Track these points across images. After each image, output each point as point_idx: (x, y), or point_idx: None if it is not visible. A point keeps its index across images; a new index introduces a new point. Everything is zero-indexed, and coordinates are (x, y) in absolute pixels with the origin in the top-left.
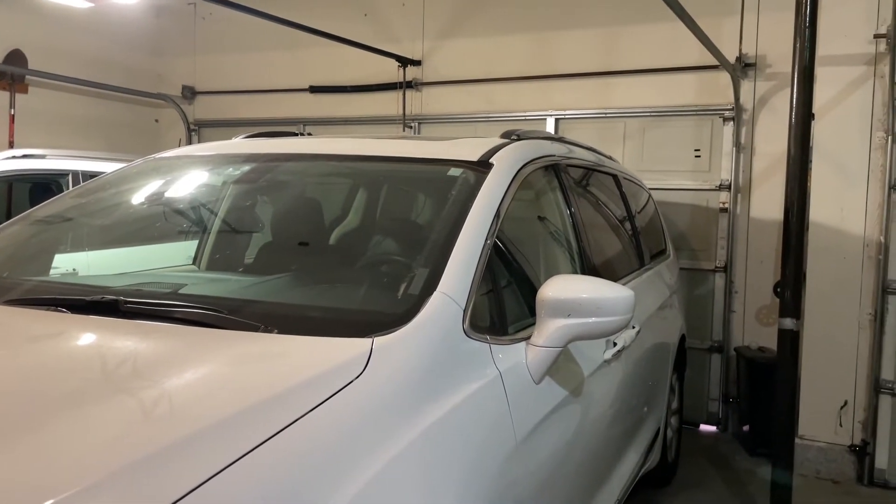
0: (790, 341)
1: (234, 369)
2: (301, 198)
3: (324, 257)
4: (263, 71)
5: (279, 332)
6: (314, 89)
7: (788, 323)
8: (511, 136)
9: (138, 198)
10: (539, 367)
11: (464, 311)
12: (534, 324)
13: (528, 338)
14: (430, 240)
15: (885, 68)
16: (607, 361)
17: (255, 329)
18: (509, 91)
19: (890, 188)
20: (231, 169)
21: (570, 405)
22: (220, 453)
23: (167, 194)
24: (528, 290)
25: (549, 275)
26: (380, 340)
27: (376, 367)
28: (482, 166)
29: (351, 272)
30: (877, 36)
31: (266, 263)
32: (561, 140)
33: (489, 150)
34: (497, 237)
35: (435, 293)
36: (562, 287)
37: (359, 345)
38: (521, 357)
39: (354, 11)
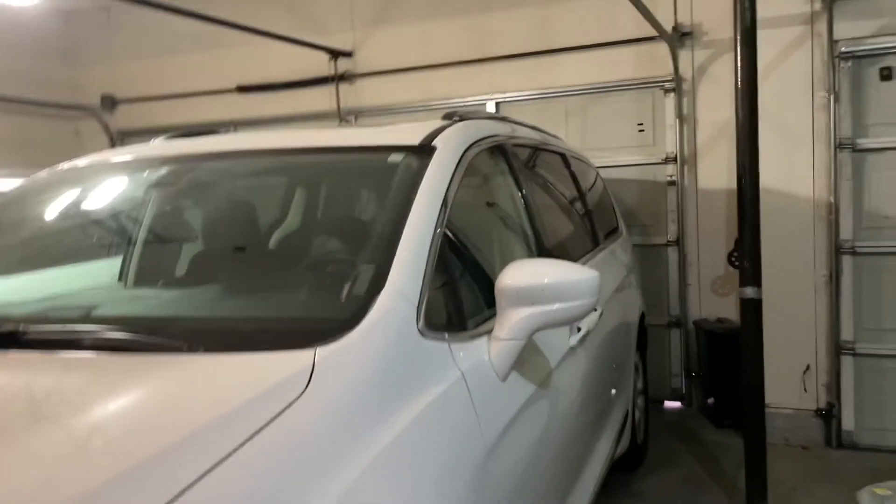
0: (753, 310)
1: (149, 403)
2: (230, 199)
3: (258, 262)
4: (188, 73)
5: (206, 352)
6: (242, 89)
7: (750, 292)
8: (453, 118)
9: (48, 214)
10: (504, 362)
11: (417, 308)
12: (494, 316)
13: (490, 331)
14: (374, 233)
15: (823, 27)
16: (573, 348)
17: (179, 350)
18: (447, 77)
19: (836, 147)
20: (152, 174)
21: (539, 400)
22: None
23: (82, 207)
24: (486, 280)
25: (504, 261)
26: (323, 351)
27: (321, 382)
28: (424, 150)
29: (287, 276)
30: None
31: (196, 274)
32: (505, 120)
33: (431, 133)
34: (447, 225)
35: (383, 291)
36: (522, 273)
37: (299, 358)
38: (484, 353)
39: (278, 3)
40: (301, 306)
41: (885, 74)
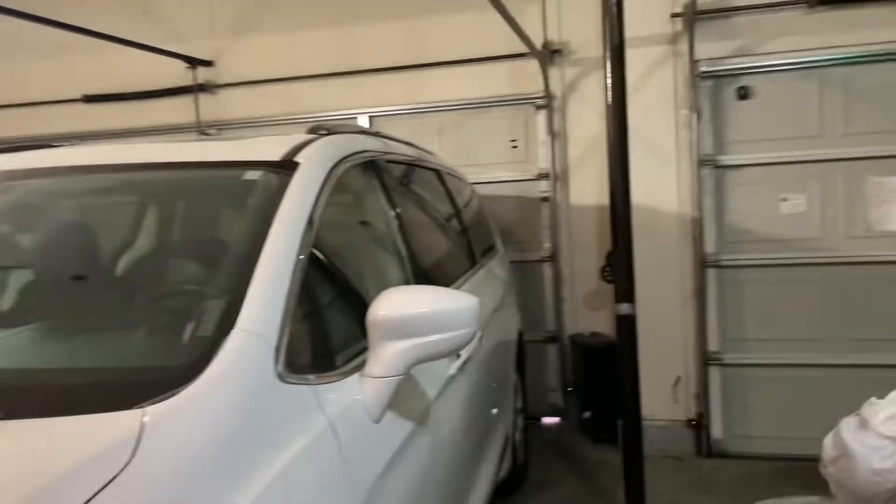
0: (628, 325)
1: None
2: (60, 223)
3: (89, 297)
4: (28, 82)
5: (5, 418)
6: (89, 98)
7: (625, 308)
8: (319, 131)
9: None
10: (378, 402)
11: (276, 349)
12: (367, 349)
13: (362, 368)
14: (225, 262)
15: (685, 47)
16: (453, 376)
17: None
18: (317, 89)
19: (699, 164)
20: None
21: (418, 437)
22: None
23: None
24: (358, 310)
25: (378, 288)
26: (156, 410)
27: (151, 451)
28: (286, 166)
29: (121, 314)
30: (674, 15)
31: (17, 312)
32: (376, 135)
33: (294, 148)
34: (313, 249)
35: (234, 332)
36: (396, 302)
37: (123, 422)
38: (356, 393)
39: (131, 8)
40: (133, 352)
41: (742, 94)
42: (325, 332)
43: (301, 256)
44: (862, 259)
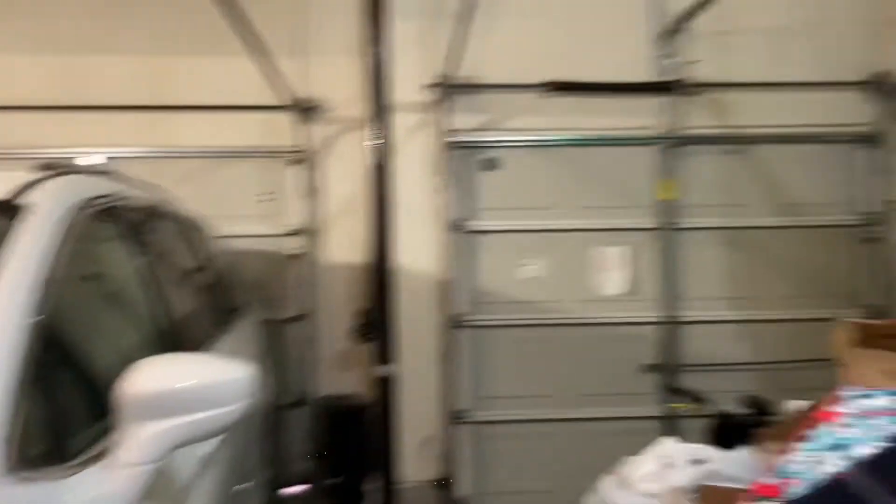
0: (387, 387)
1: None
2: None
3: None
4: None
5: None
6: None
7: (383, 370)
8: (52, 170)
9: None
10: (128, 495)
11: (5, 440)
12: (115, 432)
13: (109, 454)
14: None
15: (439, 117)
16: (209, 455)
17: None
18: (32, 123)
19: (450, 228)
20: None
21: None
22: None
23: None
24: (105, 384)
25: (126, 356)
26: None
27: None
28: (7, 210)
29: None
30: (428, 86)
31: None
32: (118, 177)
33: (20, 188)
34: (48, 314)
35: None
36: (153, 375)
37: None
38: (100, 485)
39: None
40: None
41: (487, 165)
42: (65, 414)
43: (32, 322)
44: (589, 320)
